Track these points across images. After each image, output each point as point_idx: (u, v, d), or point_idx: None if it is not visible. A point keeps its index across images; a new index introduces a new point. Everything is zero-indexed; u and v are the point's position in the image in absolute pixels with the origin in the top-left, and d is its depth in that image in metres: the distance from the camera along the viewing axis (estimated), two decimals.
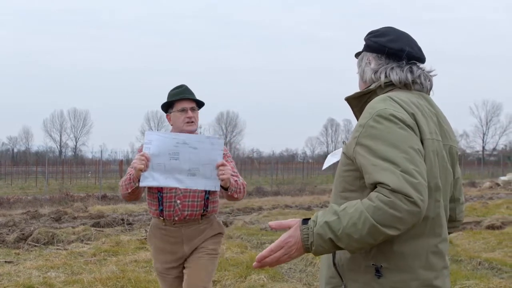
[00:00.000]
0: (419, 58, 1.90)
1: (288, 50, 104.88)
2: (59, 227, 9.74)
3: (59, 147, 69.68)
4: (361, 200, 1.62)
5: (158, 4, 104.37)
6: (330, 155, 2.08)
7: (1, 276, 6.01)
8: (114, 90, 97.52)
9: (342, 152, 1.83)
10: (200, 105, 3.35)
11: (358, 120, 1.88)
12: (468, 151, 69.62)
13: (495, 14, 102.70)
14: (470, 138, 70.81)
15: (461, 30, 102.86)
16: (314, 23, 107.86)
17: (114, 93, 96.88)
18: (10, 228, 9.72)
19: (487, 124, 69.36)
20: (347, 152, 1.78)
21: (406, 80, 1.84)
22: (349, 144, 1.76)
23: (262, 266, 1.74)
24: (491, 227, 10.25)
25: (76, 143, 70.03)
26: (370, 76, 1.89)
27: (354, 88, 2.03)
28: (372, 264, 1.70)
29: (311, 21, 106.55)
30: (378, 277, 1.69)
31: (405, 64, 1.86)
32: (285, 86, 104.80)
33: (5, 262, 6.91)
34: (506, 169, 41.89)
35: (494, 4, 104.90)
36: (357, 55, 2.03)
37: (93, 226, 9.87)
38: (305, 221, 1.68)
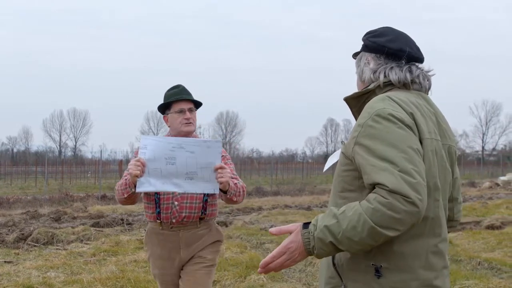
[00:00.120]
0: (418, 58, 1.90)
1: (288, 50, 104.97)
2: (58, 227, 9.74)
3: (58, 147, 69.72)
4: (360, 202, 1.62)
5: (158, 4, 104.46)
6: (330, 157, 2.07)
7: (0, 276, 6.01)
8: (114, 90, 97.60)
9: (341, 152, 1.82)
10: (197, 105, 3.30)
11: (356, 120, 1.88)
12: (468, 151, 69.66)
13: (495, 14, 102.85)
14: (469, 138, 70.91)
15: (461, 30, 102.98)
16: (314, 23, 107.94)
17: (114, 93, 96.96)
18: (9, 228, 9.71)
19: (486, 124, 69.43)
20: (346, 152, 1.77)
21: (405, 80, 1.84)
22: (348, 144, 1.76)
23: (267, 272, 1.75)
24: (490, 227, 10.26)
25: (76, 143, 70.06)
26: (369, 76, 1.89)
27: (354, 88, 2.03)
28: (372, 264, 1.70)
29: (311, 21, 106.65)
30: (378, 277, 1.69)
31: (404, 64, 1.86)
32: (285, 86, 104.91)
33: (4, 262, 6.91)
34: (505, 169, 41.91)
35: (494, 4, 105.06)
36: (355, 55, 2.03)
37: (92, 226, 9.87)
38: (305, 225, 1.69)
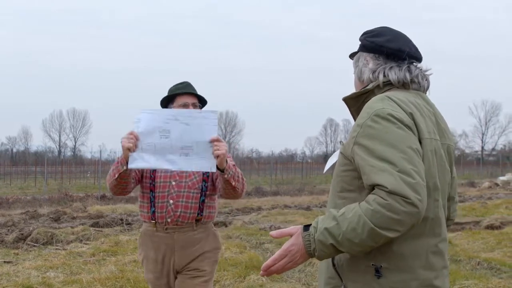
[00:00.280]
0: (416, 58, 1.90)
1: (288, 50, 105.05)
2: (58, 227, 9.73)
3: (58, 147, 69.71)
4: (359, 204, 1.62)
5: (158, 4, 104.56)
6: (330, 157, 2.07)
7: (0, 276, 6.01)
8: (114, 90, 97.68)
9: (340, 152, 1.82)
10: (202, 102, 3.19)
11: (355, 120, 1.88)
12: (467, 151, 69.70)
13: (495, 14, 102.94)
14: (469, 138, 70.95)
15: (461, 30, 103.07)
16: (314, 23, 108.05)
17: (114, 93, 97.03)
18: (9, 228, 9.71)
19: (486, 124, 69.48)
20: (345, 152, 1.77)
21: (404, 80, 1.84)
22: (347, 144, 1.76)
23: (268, 275, 1.75)
24: (490, 227, 10.27)
25: (75, 143, 70.05)
26: (368, 76, 1.88)
27: (354, 89, 2.02)
28: (372, 264, 1.70)
29: (311, 21, 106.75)
30: (377, 277, 1.69)
31: (403, 64, 1.86)
32: (285, 86, 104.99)
33: (4, 262, 6.91)
34: (505, 169, 41.90)
35: (494, 4, 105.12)
36: (352, 55, 2.03)
37: (92, 226, 9.87)
38: (306, 227, 1.69)
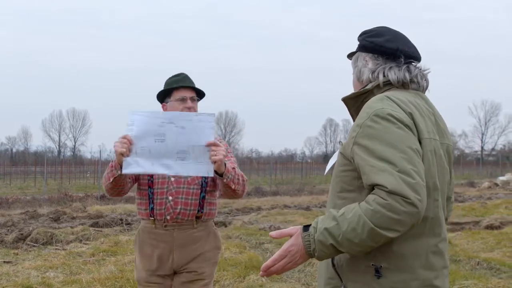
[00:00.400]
0: (415, 57, 1.90)
1: (288, 50, 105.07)
2: (57, 227, 9.73)
3: (58, 147, 69.67)
4: (359, 204, 1.62)
5: (158, 4, 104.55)
6: (331, 159, 2.07)
7: (0, 276, 6.01)
8: (114, 90, 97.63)
9: (339, 152, 1.82)
10: (200, 95, 3.06)
11: (353, 119, 1.88)
12: (467, 151, 69.72)
13: (495, 14, 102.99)
14: (468, 138, 70.94)
15: (461, 30, 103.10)
16: (314, 23, 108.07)
17: (114, 93, 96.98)
18: (8, 228, 9.70)
19: (486, 124, 69.46)
20: (344, 152, 1.77)
21: (404, 79, 1.84)
22: (347, 144, 1.76)
23: (268, 275, 1.75)
24: (489, 227, 10.27)
25: (75, 143, 70.01)
26: (367, 76, 1.88)
27: (353, 89, 2.02)
28: (372, 265, 1.69)
29: (311, 21, 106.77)
30: (378, 277, 1.69)
31: (403, 64, 1.86)
32: (285, 86, 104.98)
33: (3, 262, 6.90)
34: (504, 169, 41.91)
35: (494, 4, 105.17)
36: (350, 55, 2.03)
37: (91, 226, 9.85)
38: (306, 228, 1.69)
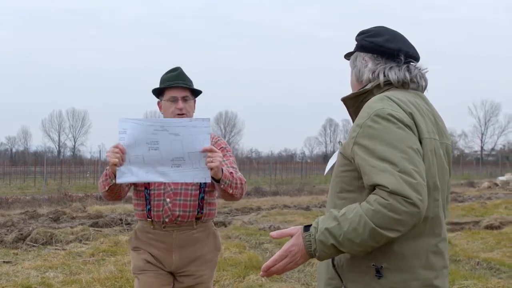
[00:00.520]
0: (414, 57, 1.90)
1: (288, 50, 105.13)
2: (57, 227, 9.72)
3: (57, 147, 69.67)
4: (360, 204, 1.62)
5: (158, 4, 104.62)
6: (330, 159, 2.06)
7: None
8: (114, 90, 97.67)
9: (339, 153, 1.81)
10: (195, 93, 2.92)
11: (353, 120, 1.88)
12: (467, 151, 69.79)
13: (495, 14, 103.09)
14: (468, 138, 70.99)
15: (461, 30, 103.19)
16: (314, 23, 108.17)
17: (114, 93, 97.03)
18: (8, 228, 9.69)
19: (485, 124, 69.51)
20: (344, 153, 1.77)
21: (404, 79, 1.84)
22: (347, 145, 1.75)
23: (269, 275, 1.75)
24: (489, 227, 10.26)
25: (75, 143, 70.00)
26: (367, 76, 1.87)
27: (351, 89, 2.02)
28: (373, 265, 1.69)
29: (311, 21, 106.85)
30: (378, 277, 1.68)
31: (403, 63, 1.86)
32: (285, 86, 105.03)
33: (3, 262, 6.89)
34: (504, 169, 41.91)
35: (494, 4, 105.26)
36: (347, 55, 2.02)
37: (91, 226, 9.84)
38: (306, 228, 1.69)
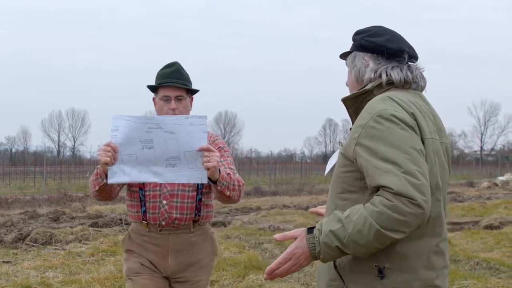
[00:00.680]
0: (414, 57, 1.90)
1: (288, 50, 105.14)
2: (57, 227, 9.71)
3: (57, 147, 69.60)
4: (364, 205, 1.61)
5: (158, 4, 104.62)
6: (330, 159, 2.06)
7: None
8: (113, 90, 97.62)
9: (340, 153, 1.81)
10: (192, 91, 2.80)
11: (352, 120, 1.87)
12: (466, 151, 69.79)
13: (495, 14, 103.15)
14: (468, 138, 70.95)
15: (461, 30, 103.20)
16: (314, 23, 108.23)
17: (114, 93, 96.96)
18: (8, 228, 9.69)
19: (485, 124, 69.48)
20: (346, 153, 1.76)
21: (407, 79, 1.83)
22: (348, 145, 1.75)
23: (272, 278, 1.74)
24: (489, 227, 10.26)
25: (74, 143, 69.90)
26: (369, 76, 1.86)
27: (348, 89, 2.01)
28: (375, 265, 1.69)
29: (311, 21, 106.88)
30: (381, 278, 1.68)
31: (403, 63, 1.86)
32: (284, 86, 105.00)
33: (3, 262, 6.89)
34: (504, 169, 41.92)
35: (494, 4, 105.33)
36: (343, 55, 2.00)
37: (91, 226, 9.84)
38: (310, 230, 1.68)
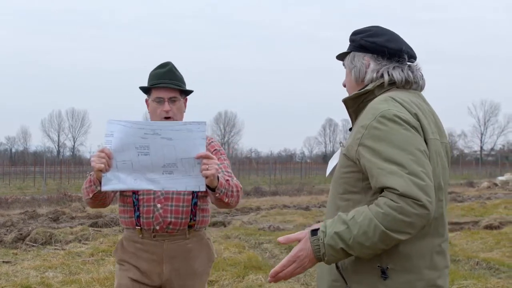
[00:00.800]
0: (414, 57, 1.89)
1: (288, 50, 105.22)
2: (57, 227, 9.72)
3: (57, 147, 69.63)
4: (369, 207, 1.61)
5: (158, 4, 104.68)
6: (330, 160, 2.04)
7: None
8: (113, 90, 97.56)
9: (342, 154, 1.80)
10: (186, 92, 2.69)
11: (352, 120, 1.86)
12: (466, 151, 69.83)
13: (495, 14, 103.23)
14: (468, 138, 70.97)
15: (461, 30, 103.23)
16: (314, 23, 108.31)
17: (114, 93, 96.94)
18: (8, 228, 9.69)
19: (485, 124, 69.51)
20: (348, 154, 1.75)
21: (408, 79, 1.83)
22: (350, 146, 1.74)
23: (276, 281, 1.73)
24: (489, 227, 10.26)
25: (74, 143, 69.91)
26: (371, 76, 1.85)
27: (347, 89, 2.00)
28: (378, 266, 1.68)
29: (311, 21, 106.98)
30: (384, 278, 1.68)
31: (404, 63, 1.85)
32: (284, 86, 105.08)
33: (3, 262, 6.89)
34: (504, 169, 41.92)
35: (494, 4, 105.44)
36: (340, 56, 1.99)
37: (91, 226, 9.84)
38: (314, 232, 1.67)
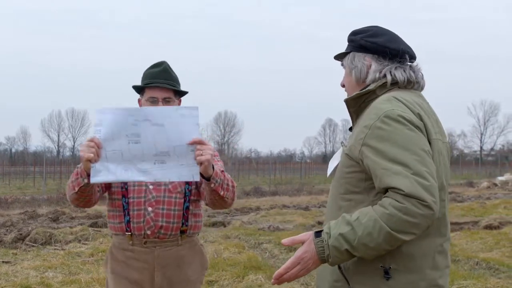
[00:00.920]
0: (413, 57, 1.89)
1: (288, 50, 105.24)
2: (56, 227, 9.72)
3: (57, 147, 69.71)
4: (373, 207, 1.61)
5: (157, 5, 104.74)
6: (331, 160, 2.04)
7: None
8: (113, 90, 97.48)
9: (345, 154, 1.79)
10: (180, 92, 2.60)
11: (352, 120, 1.86)
12: (466, 151, 69.83)
13: (495, 14, 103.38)
14: (468, 138, 71.03)
15: (461, 30, 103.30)
16: (314, 23, 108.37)
17: (114, 93, 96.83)
18: (8, 228, 9.69)
19: (485, 124, 69.57)
20: (351, 154, 1.75)
21: (410, 79, 1.83)
22: (353, 146, 1.73)
23: (280, 283, 1.73)
24: (488, 227, 10.26)
25: (74, 143, 69.88)
26: (372, 77, 1.84)
27: (346, 89, 2.00)
28: (381, 266, 1.68)
29: (311, 21, 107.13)
30: (387, 279, 1.67)
31: (405, 63, 1.85)
32: (284, 86, 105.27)
33: (2, 262, 6.89)
34: (503, 169, 41.96)
35: (494, 4, 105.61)
36: (338, 56, 1.98)
37: (90, 226, 9.84)
38: (317, 233, 1.67)
